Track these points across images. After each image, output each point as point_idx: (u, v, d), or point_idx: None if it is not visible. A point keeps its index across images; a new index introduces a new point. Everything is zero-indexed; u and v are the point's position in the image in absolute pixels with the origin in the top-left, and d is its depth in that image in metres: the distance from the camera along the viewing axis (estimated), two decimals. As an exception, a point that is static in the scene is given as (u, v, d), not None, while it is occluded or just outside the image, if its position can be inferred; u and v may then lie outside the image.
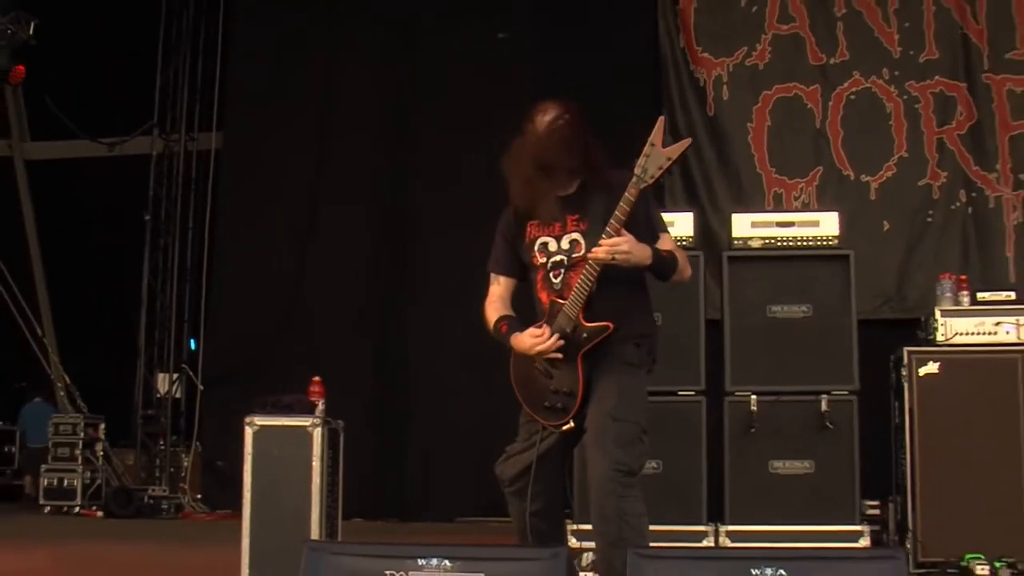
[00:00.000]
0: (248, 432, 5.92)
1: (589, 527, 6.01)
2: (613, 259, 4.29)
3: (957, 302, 6.91)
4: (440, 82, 10.32)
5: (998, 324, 6.77)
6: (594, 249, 4.32)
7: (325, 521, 5.91)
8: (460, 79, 10.21)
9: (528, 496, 4.48)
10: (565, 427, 4.42)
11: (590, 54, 9.74)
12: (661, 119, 4.33)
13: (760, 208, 9.08)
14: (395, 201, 10.52)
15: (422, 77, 10.46)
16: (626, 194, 4.27)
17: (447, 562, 3.87)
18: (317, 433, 5.93)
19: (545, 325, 4.44)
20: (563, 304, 4.42)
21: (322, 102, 10.78)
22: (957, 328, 6.79)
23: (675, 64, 9.70)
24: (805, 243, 6.88)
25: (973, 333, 6.78)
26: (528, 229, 4.58)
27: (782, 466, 6.70)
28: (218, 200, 11.38)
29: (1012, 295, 6.89)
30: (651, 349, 4.58)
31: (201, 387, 11.26)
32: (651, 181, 4.27)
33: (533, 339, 4.43)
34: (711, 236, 8.81)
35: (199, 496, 11.07)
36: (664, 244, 4.53)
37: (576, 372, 4.40)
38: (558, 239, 4.51)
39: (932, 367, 6.70)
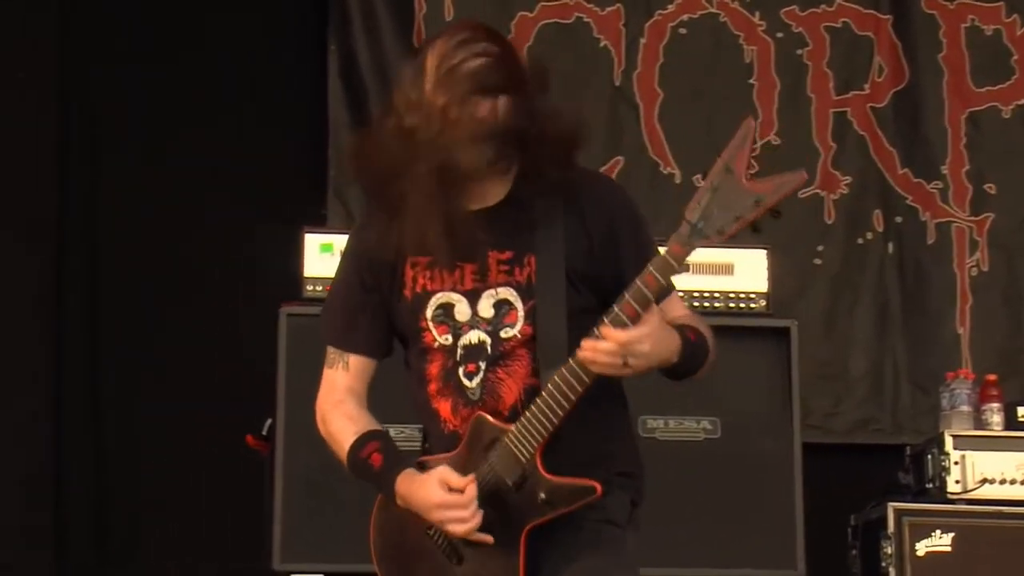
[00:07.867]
0: None
1: None
2: (625, 365, 2.27)
3: (981, 422, 4.40)
4: None
5: (1063, 468, 4.30)
6: (587, 348, 2.27)
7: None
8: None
9: None
10: None
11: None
12: (749, 121, 2.27)
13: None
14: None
15: None
16: (665, 254, 2.26)
17: None
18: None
19: (471, 473, 2.36)
20: (505, 432, 2.35)
21: None
22: (983, 469, 4.23)
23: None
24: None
25: (1012, 481, 4.25)
26: (408, 272, 2.44)
27: None
28: None
29: (1089, 411, 4.40)
30: (638, 495, 2.53)
31: None
32: (716, 239, 2.25)
33: (445, 499, 2.33)
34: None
35: None
36: (677, 310, 2.48)
37: (514, 557, 2.36)
38: (471, 297, 2.40)
39: (942, 540, 4.21)
